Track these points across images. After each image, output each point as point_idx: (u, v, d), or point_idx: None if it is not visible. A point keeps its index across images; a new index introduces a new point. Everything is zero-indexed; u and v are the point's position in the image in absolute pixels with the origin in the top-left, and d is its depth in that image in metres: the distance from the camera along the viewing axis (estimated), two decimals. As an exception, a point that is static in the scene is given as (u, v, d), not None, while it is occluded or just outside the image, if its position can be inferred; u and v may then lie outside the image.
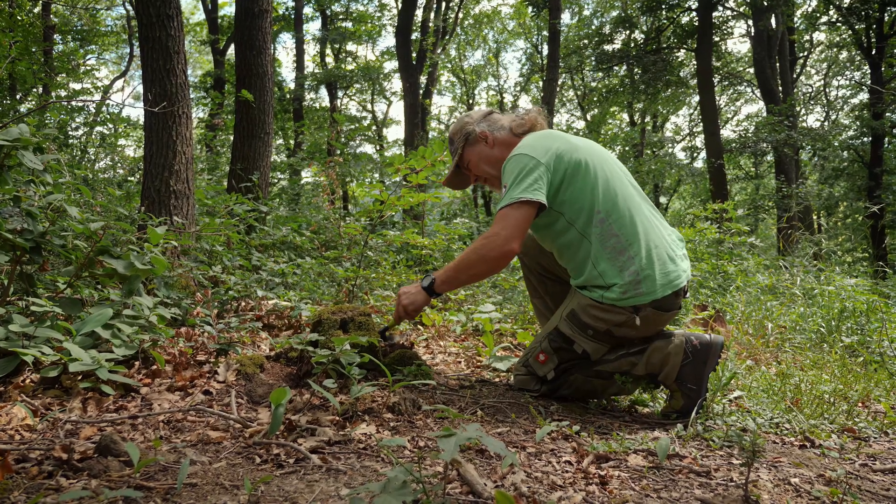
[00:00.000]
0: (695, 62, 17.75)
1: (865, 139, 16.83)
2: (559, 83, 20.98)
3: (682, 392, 2.18)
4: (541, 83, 21.77)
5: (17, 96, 13.69)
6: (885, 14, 15.58)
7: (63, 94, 14.81)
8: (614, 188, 2.22)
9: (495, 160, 2.45)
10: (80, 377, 1.94)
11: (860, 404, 2.64)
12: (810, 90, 24.04)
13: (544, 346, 2.30)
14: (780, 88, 17.12)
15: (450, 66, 27.11)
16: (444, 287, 2.26)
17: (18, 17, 12.10)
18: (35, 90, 13.79)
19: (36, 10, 14.43)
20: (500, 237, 2.10)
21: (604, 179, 2.21)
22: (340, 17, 23.08)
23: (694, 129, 27.62)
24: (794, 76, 20.46)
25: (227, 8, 20.91)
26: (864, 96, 19.66)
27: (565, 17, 23.77)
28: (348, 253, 5.04)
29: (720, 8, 18.47)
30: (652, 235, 2.20)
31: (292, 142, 21.75)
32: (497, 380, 2.63)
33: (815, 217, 17.71)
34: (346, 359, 2.08)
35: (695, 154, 26.93)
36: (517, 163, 2.19)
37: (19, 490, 1.23)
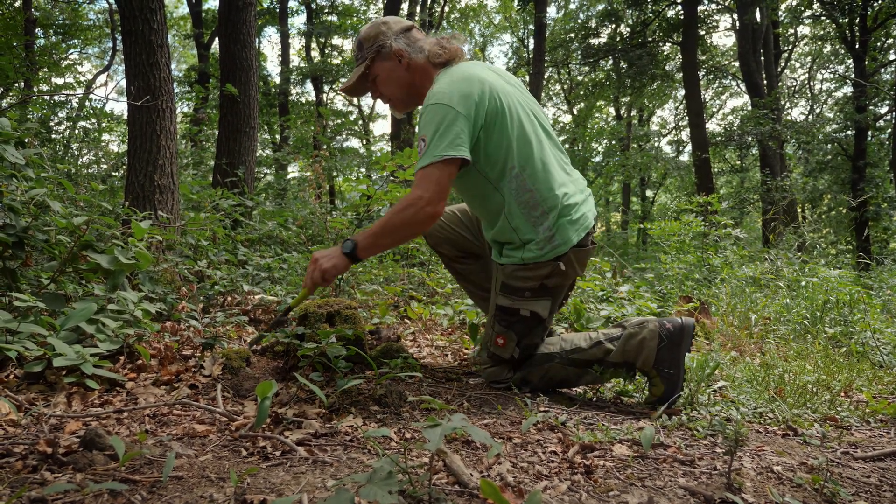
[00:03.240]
0: (680, 56, 17.81)
1: (849, 132, 16.99)
2: (545, 77, 20.99)
3: (661, 377, 2.18)
4: (527, 77, 21.79)
5: (-2, 91, 13.50)
6: (869, 8, 15.71)
7: (45, 88, 14.63)
8: (529, 138, 2.14)
9: (407, 84, 2.28)
10: (64, 372, 1.93)
11: (842, 394, 2.68)
12: (795, 84, 24.21)
13: (496, 329, 2.27)
14: (765, 82, 17.23)
15: (436, 59, 26.98)
16: (367, 253, 2.09)
17: (-1, 11, 11.93)
18: (17, 85, 13.60)
19: (17, 4, 14.22)
20: (423, 201, 1.98)
21: (520, 128, 2.13)
22: (326, 10, 22.92)
23: (680, 123, 27.76)
24: (779, 70, 20.60)
25: (212, 2, 20.80)
26: (847, 90, 19.84)
27: (551, 11, 23.76)
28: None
29: (705, 2, 18.56)
30: (565, 188, 2.19)
31: (278, 136, 21.60)
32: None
33: (799, 210, 17.85)
34: (332, 352, 2.07)
35: (680, 148, 27.06)
36: (436, 113, 2.02)
37: (3, 484, 1.22)
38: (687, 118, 18.62)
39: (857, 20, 16.16)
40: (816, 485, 1.46)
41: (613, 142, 25.57)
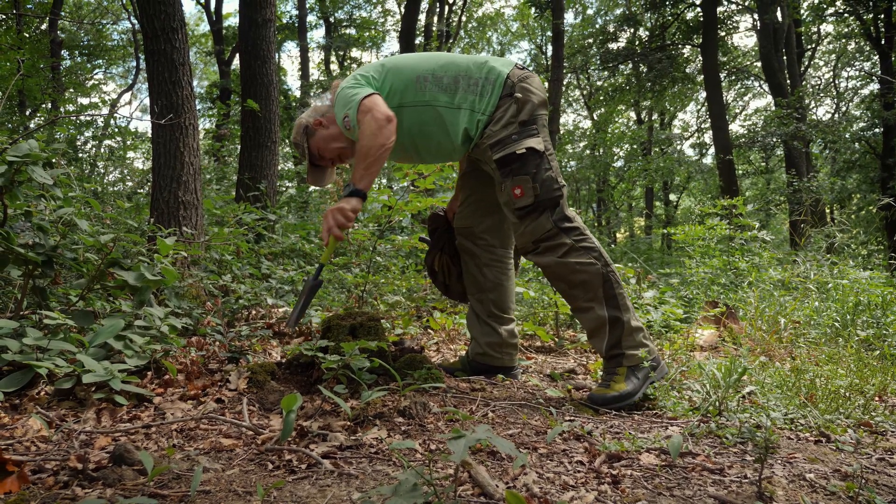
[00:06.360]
0: (701, 58, 17.66)
1: (877, 130, 16.65)
2: (564, 83, 20.96)
3: (627, 379, 2.24)
4: (546, 83, 21.80)
5: (27, 112, 13.83)
6: (894, 3, 15.42)
7: (71, 109, 14.95)
8: (423, 57, 2.47)
9: (337, 135, 2.58)
10: (93, 388, 1.96)
11: (877, 398, 2.62)
12: (819, 82, 23.83)
13: (508, 183, 2.31)
14: (789, 81, 16.99)
15: (455, 69, 27.07)
16: (365, 183, 2.35)
17: (26, 34, 12.23)
18: (44, 106, 13.92)
19: (43, 27, 14.57)
20: (370, 117, 2.24)
21: (409, 58, 2.48)
22: (344, 23, 23.17)
23: (702, 126, 27.48)
24: (803, 69, 20.31)
25: (232, 19, 21.06)
26: (874, 87, 19.46)
27: (569, 17, 23.77)
28: (357, 259, 5.05)
29: (725, 2, 18.39)
30: (471, 57, 2.48)
31: (300, 150, 21.74)
32: (507, 382, 2.62)
33: (827, 210, 17.54)
34: (356, 364, 2.08)
35: (703, 150, 26.78)
36: (342, 97, 2.39)
37: (36, 500, 1.25)
38: (709, 120, 18.43)
39: (881, 16, 15.86)
40: (851, 492, 1.43)
41: (635, 146, 25.38)
